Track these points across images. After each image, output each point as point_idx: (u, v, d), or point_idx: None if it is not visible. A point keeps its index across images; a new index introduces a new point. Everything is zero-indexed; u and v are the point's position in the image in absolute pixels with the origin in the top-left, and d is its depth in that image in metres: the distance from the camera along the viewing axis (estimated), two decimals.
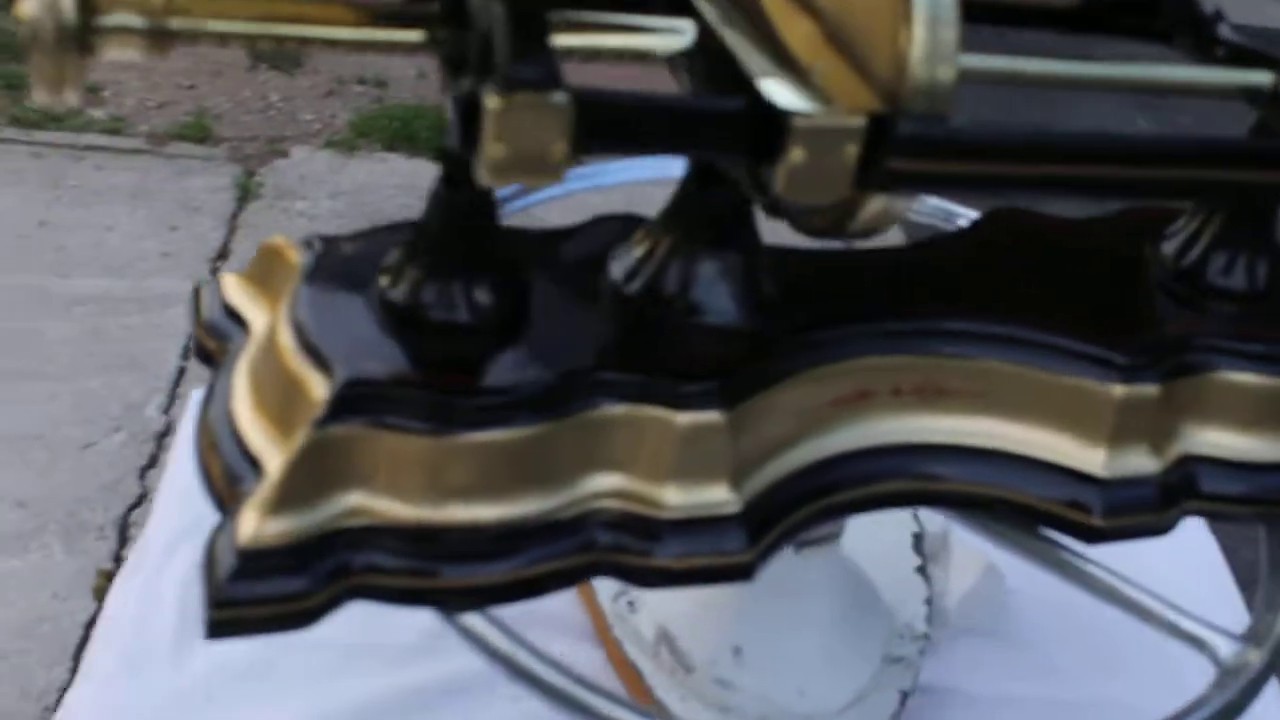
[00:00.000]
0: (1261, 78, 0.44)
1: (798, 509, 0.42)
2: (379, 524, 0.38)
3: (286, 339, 0.40)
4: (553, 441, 0.39)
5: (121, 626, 0.58)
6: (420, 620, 0.39)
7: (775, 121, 0.33)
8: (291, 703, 0.54)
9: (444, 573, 0.39)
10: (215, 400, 0.42)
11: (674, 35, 0.39)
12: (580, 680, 0.41)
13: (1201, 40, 0.47)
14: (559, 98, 0.32)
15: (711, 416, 0.39)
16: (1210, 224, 0.47)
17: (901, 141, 0.34)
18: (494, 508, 0.39)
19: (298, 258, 0.43)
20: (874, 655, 0.54)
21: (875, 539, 0.59)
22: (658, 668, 0.54)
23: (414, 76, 2.45)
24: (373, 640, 0.54)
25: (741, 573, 0.40)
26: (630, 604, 0.56)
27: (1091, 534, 0.44)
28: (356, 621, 0.39)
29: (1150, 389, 0.44)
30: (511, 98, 0.31)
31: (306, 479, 0.38)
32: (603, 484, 0.40)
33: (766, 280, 0.42)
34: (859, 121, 0.34)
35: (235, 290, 0.46)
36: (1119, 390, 0.43)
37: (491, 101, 0.31)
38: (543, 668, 0.41)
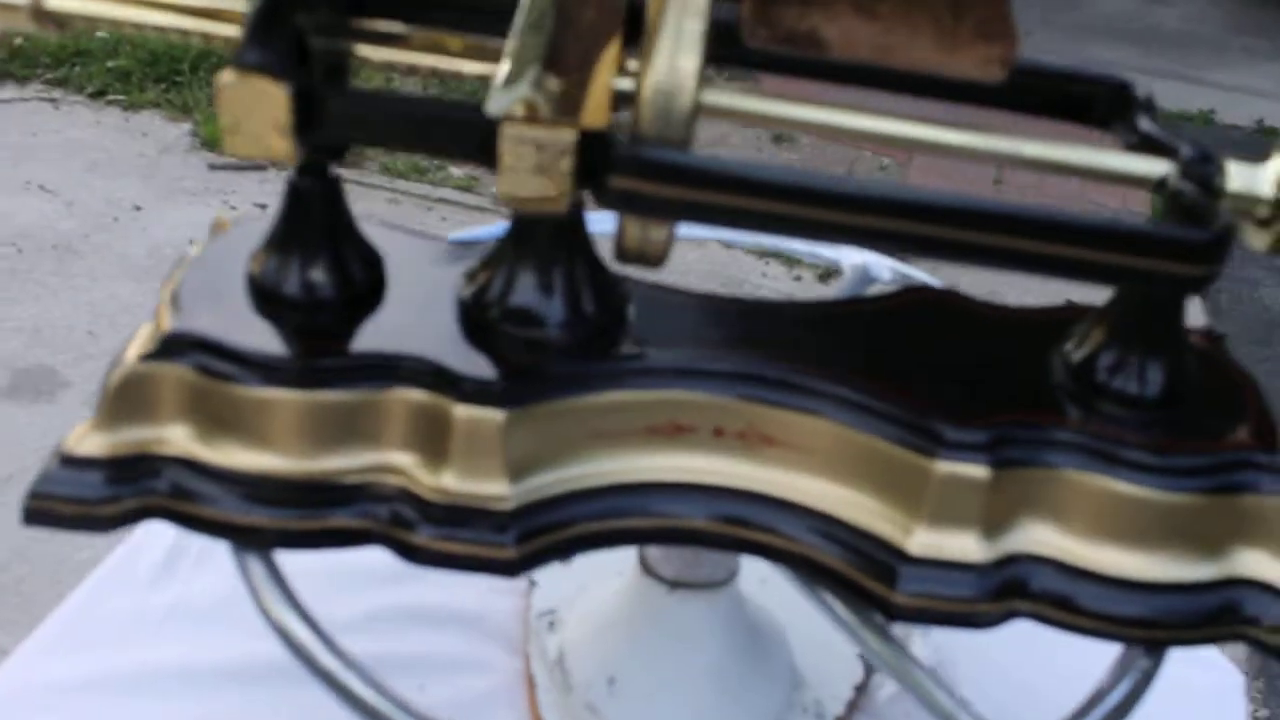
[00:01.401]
0: (1158, 168, 0.42)
1: (585, 523, 0.43)
2: (182, 456, 0.43)
3: (167, 289, 0.46)
4: (350, 412, 0.43)
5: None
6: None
7: (493, 128, 0.36)
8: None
9: (234, 509, 0.43)
10: None
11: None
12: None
13: (1124, 125, 0.45)
14: (275, 85, 0.36)
15: (488, 413, 0.42)
16: (1109, 319, 0.45)
17: (620, 161, 0.36)
18: (287, 461, 0.43)
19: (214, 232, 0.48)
20: (758, 717, 0.53)
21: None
22: (550, 685, 0.55)
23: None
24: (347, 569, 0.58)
25: (504, 568, 0.42)
26: (550, 624, 0.58)
27: (889, 609, 0.42)
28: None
29: (978, 471, 0.42)
30: (237, 77, 0.36)
31: (126, 405, 0.43)
32: (389, 459, 0.43)
33: (591, 300, 0.44)
34: (568, 135, 0.36)
35: None
36: (941, 467, 0.42)
37: (223, 78, 0.36)
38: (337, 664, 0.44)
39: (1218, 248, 0.39)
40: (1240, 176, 0.41)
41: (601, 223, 0.44)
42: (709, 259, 2.26)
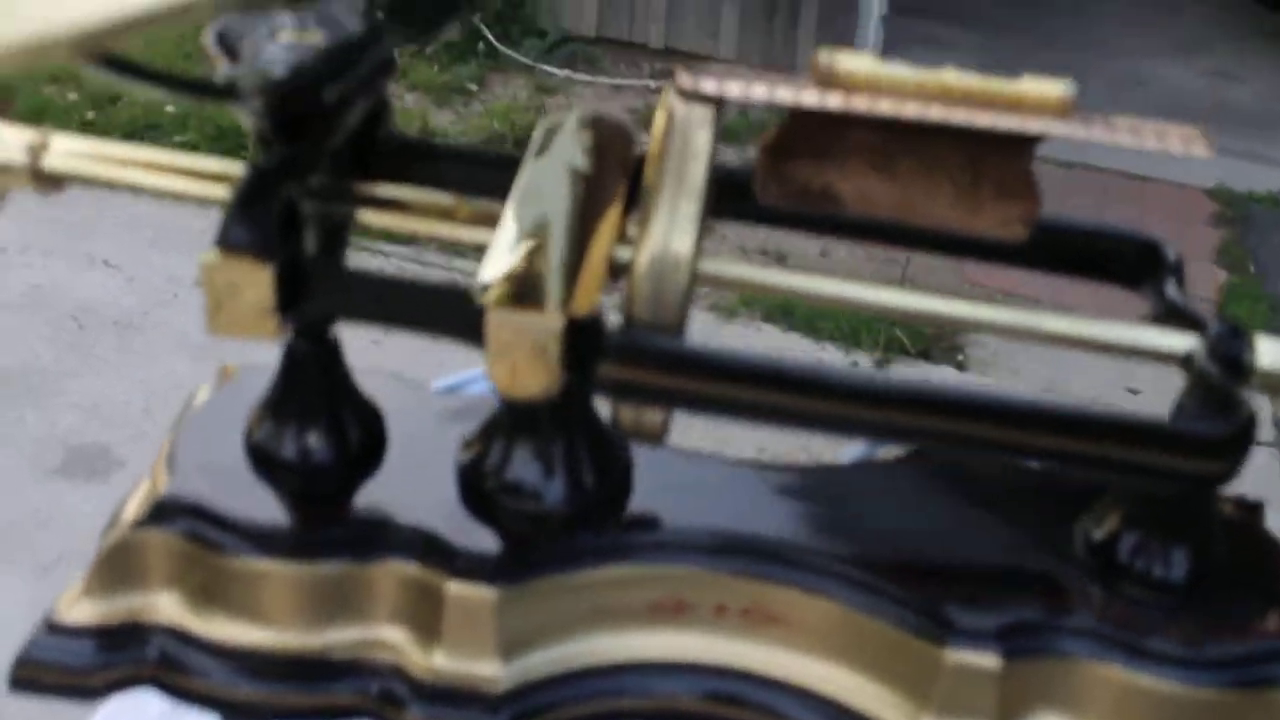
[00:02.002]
0: (1184, 343, 0.40)
1: (580, 703, 0.42)
2: (172, 626, 0.42)
3: (164, 446, 0.45)
4: (342, 584, 0.42)
5: None
6: None
7: (481, 311, 0.35)
8: None
9: (224, 683, 0.42)
10: None
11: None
12: None
13: (1153, 287, 0.44)
14: (260, 266, 0.35)
15: (482, 590, 0.40)
16: (1133, 496, 0.43)
17: (610, 349, 0.35)
18: (278, 634, 0.42)
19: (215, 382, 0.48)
20: None
21: None
22: None
23: (816, 254, 2.52)
24: None
25: None
26: None
27: None
28: None
29: (989, 661, 0.40)
30: (220, 257, 0.35)
31: (116, 572, 0.42)
32: (381, 635, 0.42)
33: (591, 472, 0.43)
34: (555, 323, 0.35)
35: None
36: (951, 656, 0.40)
37: (205, 258, 0.35)
38: None
39: (1238, 444, 0.37)
40: (1271, 353, 0.39)
41: None
42: (765, 342, 2.24)
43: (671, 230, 0.35)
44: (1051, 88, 0.37)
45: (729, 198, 0.44)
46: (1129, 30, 4.26)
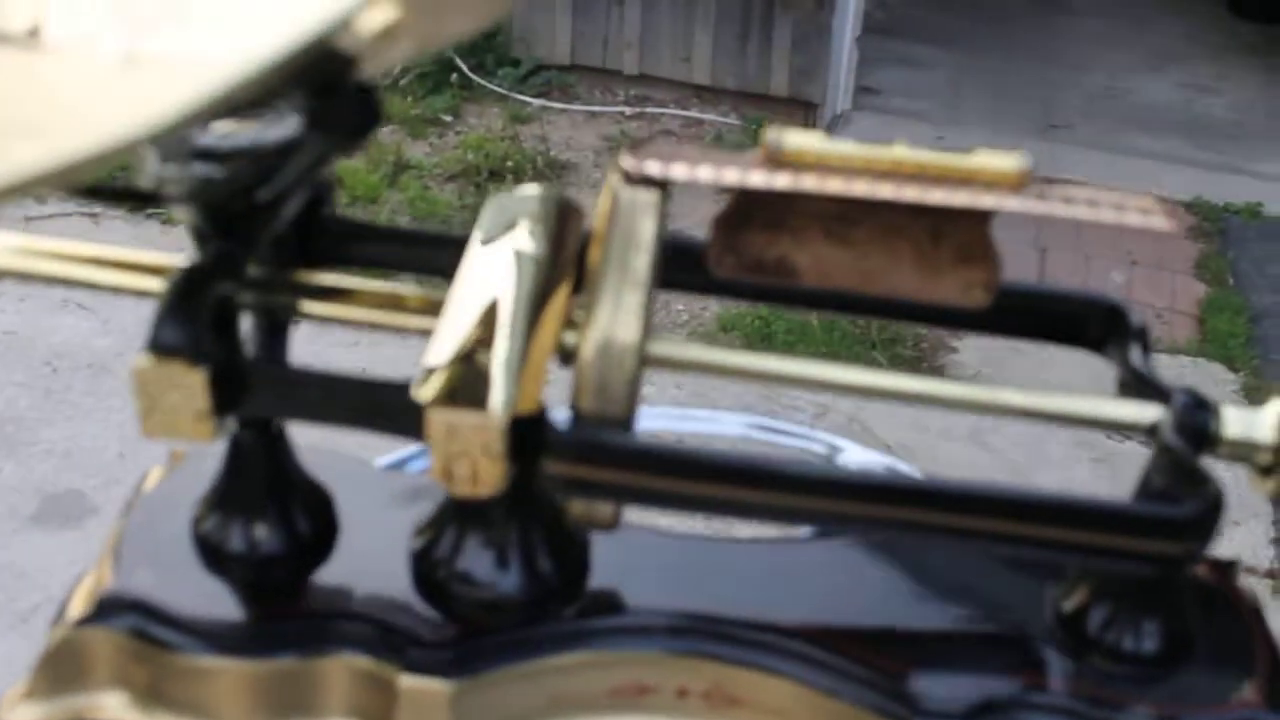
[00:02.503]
0: (1149, 414, 0.39)
1: None
2: None
3: (111, 536, 0.44)
4: (292, 680, 0.41)
5: None
6: None
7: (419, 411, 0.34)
8: None
9: None
10: None
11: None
12: None
13: (1118, 352, 0.43)
14: (192, 370, 0.34)
15: (435, 684, 0.39)
16: (1097, 571, 0.42)
17: (554, 444, 0.34)
18: None
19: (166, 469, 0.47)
20: None
21: None
22: None
23: None
24: None
25: None
26: None
27: None
28: None
29: None
30: (151, 361, 0.34)
31: (60, 671, 0.41)
32: None
33: (547, 557, 0.41)
34: (497, 421, 0.34)
35: None
36: None
37: (137, 362, 0.34)
38: None
39: (1205, 525, 0.36)
40: (1238, 422, 0.39)
41: None
42: None
43: (616, 320, 0.35)
44: (1006, 161, 0.36)
45: (682, 269, 0.43)
46: (1103, 44, 4.27)
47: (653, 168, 0.36)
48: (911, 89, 3.80)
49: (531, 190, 0.43)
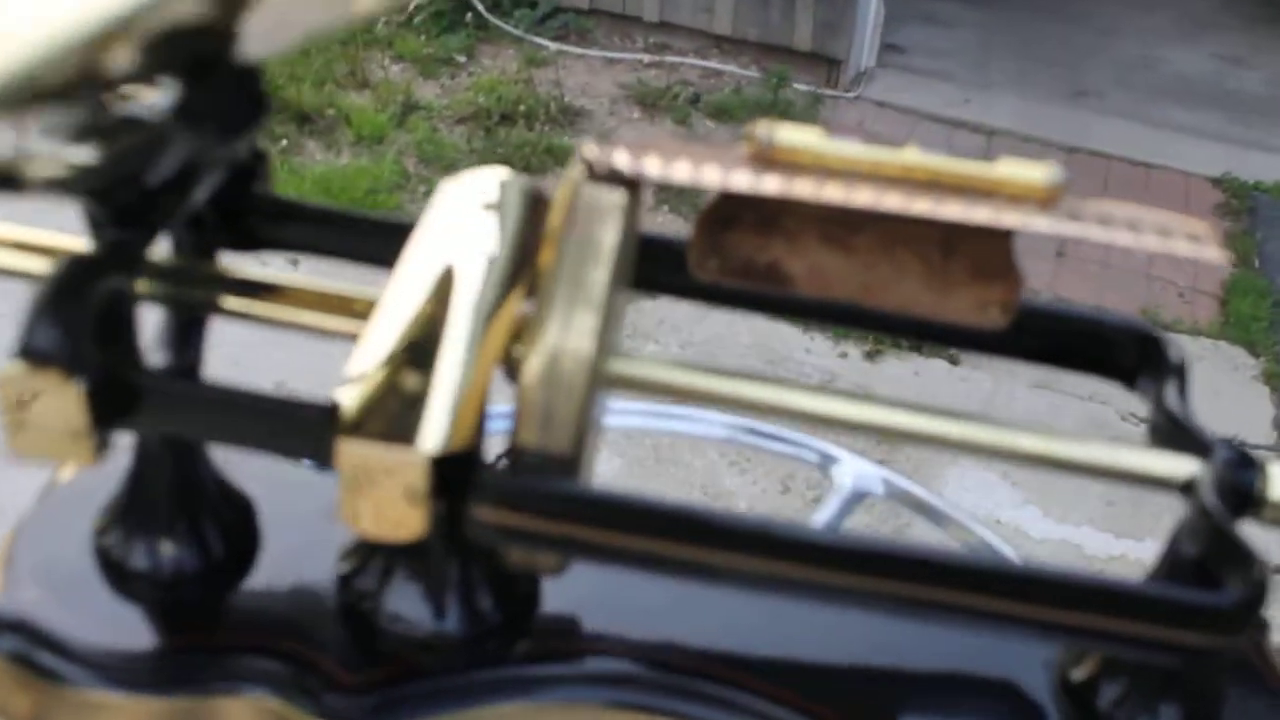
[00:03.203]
0: (1184, 468, 0.34)
1: None
2: None
3: (2, 544, 0.39)
4: (195, 718, 0.36)
5: None
6: None
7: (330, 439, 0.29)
8: None
9: None
10: None
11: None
12: None
13: (1151, 387, 0.38)
14: (67, 381, 0.29)
15: None
16: None
17: (483, 489, 0.29)
18: None
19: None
20: None
21: None
22: None
23: None
24: None
25: None
26: None
27: None
28: None
29: None
30: (22, 369, 0.29)
31: None
32: None
33: (487, 595, 0.37)
34: (419, 458, 0.28)
35: None
36: None
37: (6, 370, 0.29)
38: None
39: (1243, 614, 0.31)
40: None
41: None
42: (751, 330, 2.18)
43: (565, 341, 0.29)
44: (1034, 173, 0.31)
45: (661, 270, 0.38)
46: (1135, 9, 4.17)
47: (621, 161, 0.31)
48: (938, 48, 3.71)
49: (496, 176, 0.37)
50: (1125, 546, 1.86)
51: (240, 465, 0.40)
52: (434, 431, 0.29)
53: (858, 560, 0.30)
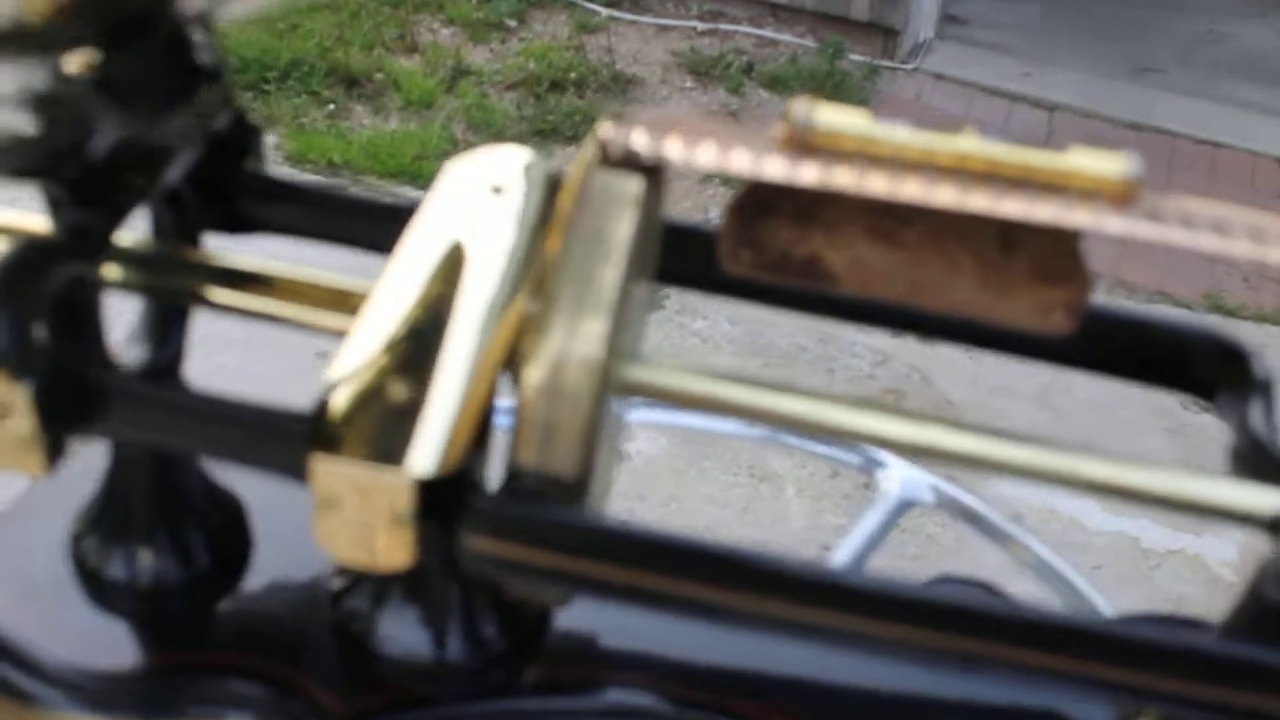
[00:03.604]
0: (1270, 502, 0.30)
1: None
2: None
3: None
4: None
5: None
6: None
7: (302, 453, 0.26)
8: None
9: None
10: None
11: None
12: None
13: (1233, 405, 0.34)
14: (14, 382, 0.26)
15: None
16: None
17: (473, 516, 0.26)
18: None
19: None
20: None
21: None
22: None
23: None
24: None
25: None
26: None
27: None
28: None
29: None
30: None
31: None
32: None
33: (491, 621, 0.33)
34: (400, 477, 0.25)
35: None
36: None
37: None
38: None
39: None
40: None
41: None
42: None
43: (570, 349, 0.26)
44: (1108, 165, 0.27)
45: (688, 262, 0.35)
46: None
47: (639, 143, 0.27)
48: (999, 20, 3.62)
49: (511, 155, 0.34)
50: (1184, 541, 1.81)
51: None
52: (426, 450, 0.26)
53: (887, 607, 0.26)
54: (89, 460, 0.37)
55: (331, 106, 2.66)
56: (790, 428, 0.31)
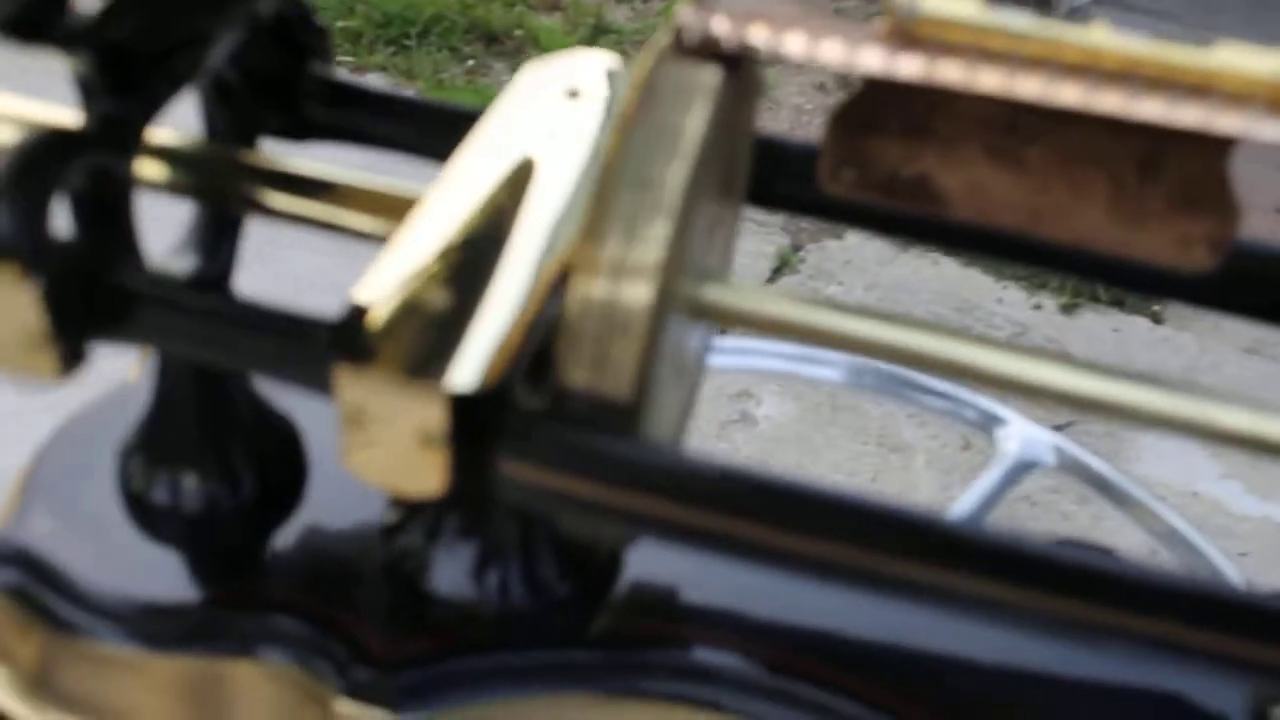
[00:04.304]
0: None
1: None
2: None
3: (28, 464, 0.35)
4: (196, 683, 0.31)
5: None
6: None
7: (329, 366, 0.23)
8: None
9: None
10: None
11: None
12: None
13: None
14: (21, 279, 0.24)
15: (380, 717, 0.29)
16: None
17: (517, 441, 0.23)
18: None
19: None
20: None
21: None
22: None
23: None
24: None
25: None
26: None
27: None
28: None
29: None
30: None
31: None
32: None
33: (552, 563, 0.31)
34: (433, 392, 0.23)
35: None
36: None
37: None
38: None
39: None
40: None
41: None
42: (941, 277, 2.07)
43: (625, 259, 0.23)
44: (1264, 62, 0.23)
45: (781, 181, 0.32)
46: None
47: (720, 28, 0.24)
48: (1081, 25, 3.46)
49: (598, 59, 0.31)
50: None
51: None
52: (467, 364, 0.23)
53: (1003, 563, 0.23)
54: (147, 380, 0.35)
55: (471, 63, 2.66)
56: (888, 357, 0.28)
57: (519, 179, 0.27)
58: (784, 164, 0.31)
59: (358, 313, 0.23)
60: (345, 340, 0.23)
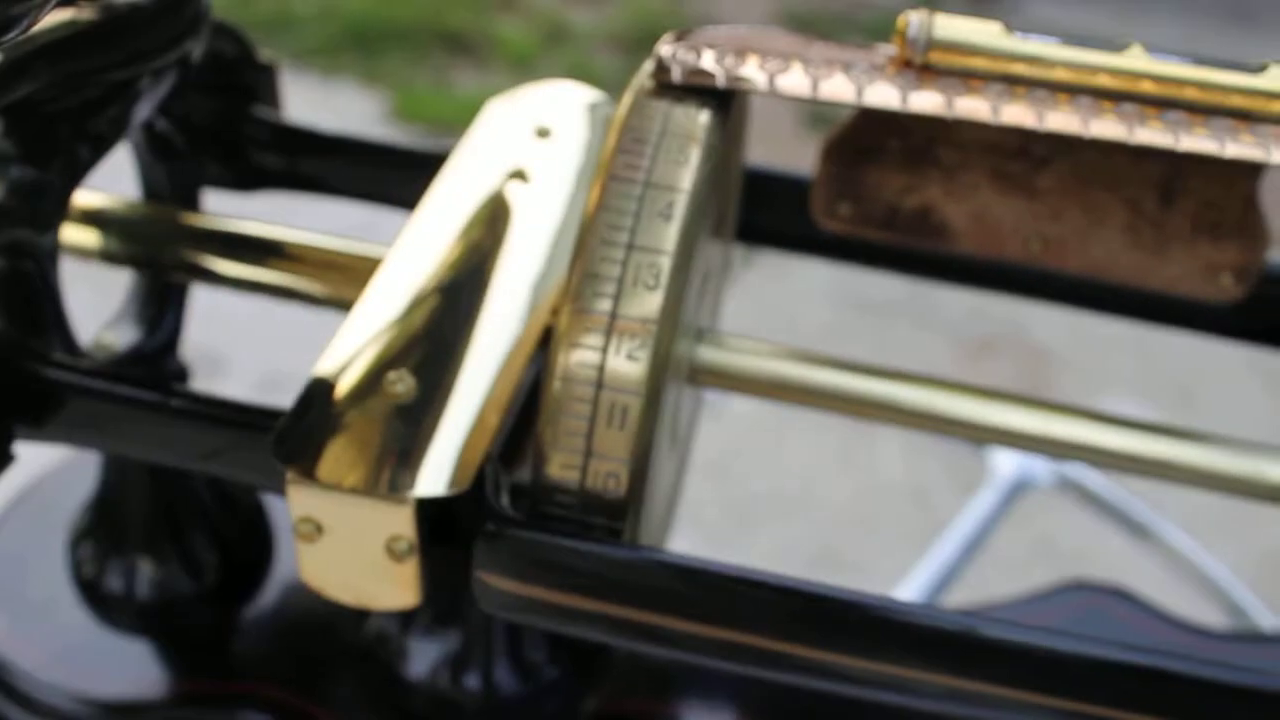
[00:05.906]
0: None
1: None
2: None
3: None
4: None
5: None
6: None
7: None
8: None
9: None
10: None
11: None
12: None
13: None
14: None
15: None
16: None
17: (493, 551, 0.20)
18: None
19: None
20: None
21: None
22: None
23: None
24: None
25: None
26: None
27: None
28: None
29: None
30: None
31: None
32: None
33: (539, 644, 0.28)
34: (398, 513, 0.20)
35: None
36: None
37: None
38: None
39: None
40: None
41: None
42: None
43: (616, 321, 0.20)
44: None
45: (774, 216, 0.29)
46: None
47: (708, 61, 0.22)
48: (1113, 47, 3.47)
49: (568, 92, 0.28)
50: None
51: None
52: (439, 460, 0.20)
53: (1000, 660, 0.20)
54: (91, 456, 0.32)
55: (431, 65, 2.63)
56: (891, 420, 0.25)
57: (488, 235, 0.24)
58: (776, 198, 0.28)
59: (308, 406, 0.20)
60: (294, 444, 0.20)
